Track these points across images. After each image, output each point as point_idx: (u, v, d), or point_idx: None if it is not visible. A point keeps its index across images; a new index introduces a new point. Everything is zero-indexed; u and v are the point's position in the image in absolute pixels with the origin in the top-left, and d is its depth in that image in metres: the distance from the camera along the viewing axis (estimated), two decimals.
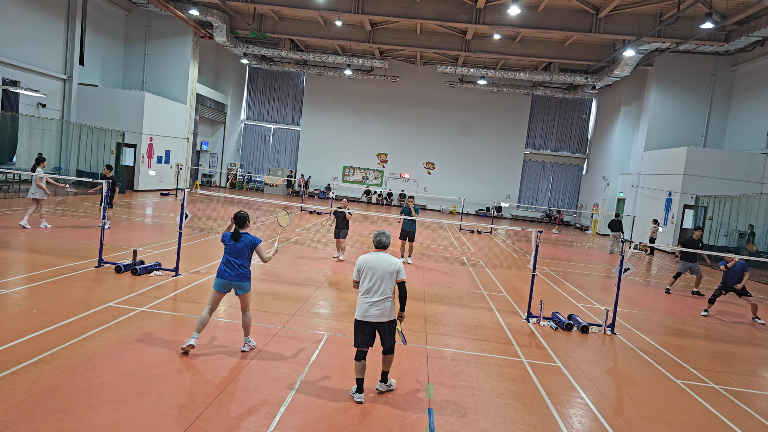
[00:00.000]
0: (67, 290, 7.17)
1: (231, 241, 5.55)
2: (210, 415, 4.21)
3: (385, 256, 4.88)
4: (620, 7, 20.67)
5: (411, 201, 12.49)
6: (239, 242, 5.52)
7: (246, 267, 5.55)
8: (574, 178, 35.55)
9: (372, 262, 4.82)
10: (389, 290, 4.80)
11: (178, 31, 26.62)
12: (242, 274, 5.51)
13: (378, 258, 4.84)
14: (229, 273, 5.48)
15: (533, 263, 8.24)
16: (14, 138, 18.86)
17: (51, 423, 3.84)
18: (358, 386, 4.80)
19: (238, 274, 5.49)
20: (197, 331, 5.45)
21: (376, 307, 4.76)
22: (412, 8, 22.11)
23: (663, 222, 22.51)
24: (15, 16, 19.39)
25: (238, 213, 5.62)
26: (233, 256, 5.51)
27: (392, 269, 4.82)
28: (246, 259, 5.56)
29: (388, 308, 4.80)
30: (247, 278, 5.57)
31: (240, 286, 5.53)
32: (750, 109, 22.91)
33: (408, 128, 35.29)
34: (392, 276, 4.82)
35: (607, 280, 13.40)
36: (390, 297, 4.81)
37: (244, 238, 5.55)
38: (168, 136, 26.10)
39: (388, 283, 4.79)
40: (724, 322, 9.73)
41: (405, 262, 12.47)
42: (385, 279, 4.78)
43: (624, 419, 5.03)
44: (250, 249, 5.57)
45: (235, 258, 5.51)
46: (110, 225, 12.20)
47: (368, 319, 4.76)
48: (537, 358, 6.52)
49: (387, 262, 4.84)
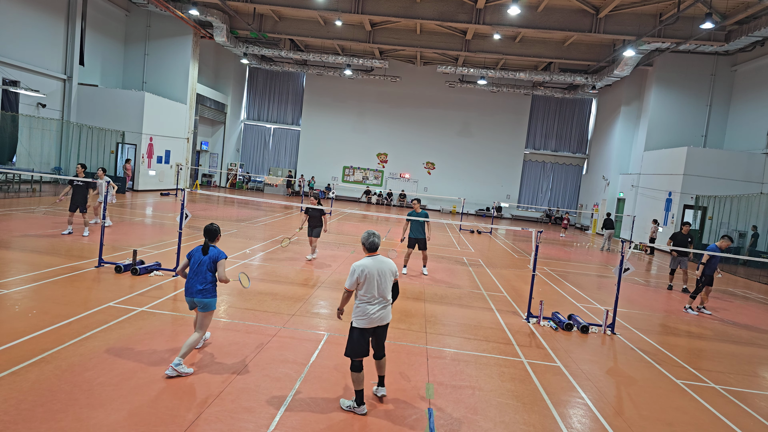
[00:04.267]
0: (67, 290, 7.17)
1: (198, 254, 5.20)
2: (210, 415, 4.21)
3: (383, 258, 4.81)
4: (620, 7, 20.67)
5: (416, 204, 11.06)
6: (205, 256, 5.17)
7: (208, 282, 5.13)
8: (574, 178, 35.55)
9: (373, 268, 4.64)
10: (389, 294, 4.75)
11: (178, 31, 26.62)
12: (205, 289, 5.12)
13: (377, 262, 4.71)
14: (191, 289, 5.12)
15: (533, 263, 8.24)
16: (14, 138, 18.87)
17: (51, 423, 3.84)
18: (358, 398, 4.56)
19: (200, 290, 5.10)
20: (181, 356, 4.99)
21: (382, 311, 4.67)
22: (412, 8, 22.11)
23: (663, 222, 22.50)
24: (15, 16, 19.39)
25: (209, 225, 5.30)
26: (196, 271, 5.16)
27: (393, 270, 4.80)
28: (209, 272, 5.17)
29: (388, 311, 4.76)
30: (210, 294, 5.15)
31: (202, 303, 5.13)
32: (750, 109, 22.92)
33: (408, 128, 35.29)
34: (392, 277, 4.79)
35: (607, 280, 13.40)
36: (389, 300, 4.77)
37: (210, 251, 5.20)
38: (168, 136, 26.10)
39: (389, 285, 4.74)
40: (724, 322, 9.73)
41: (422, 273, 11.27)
42: (387, 282, 4.71)
43: (624, 419, 5.02)
44: (214, 263, 5.18)
45: (197, 272, 5.14)
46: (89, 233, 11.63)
47: (373, 324, 4.62)
48: (537, 358, 6.52)
49: (387, 264, 4.77)
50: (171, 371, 4.81)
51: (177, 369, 4.83)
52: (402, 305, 8.37)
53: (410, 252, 11.22)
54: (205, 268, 5.15)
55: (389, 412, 4.65)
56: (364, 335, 4.63)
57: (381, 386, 4.95)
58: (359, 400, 4.57)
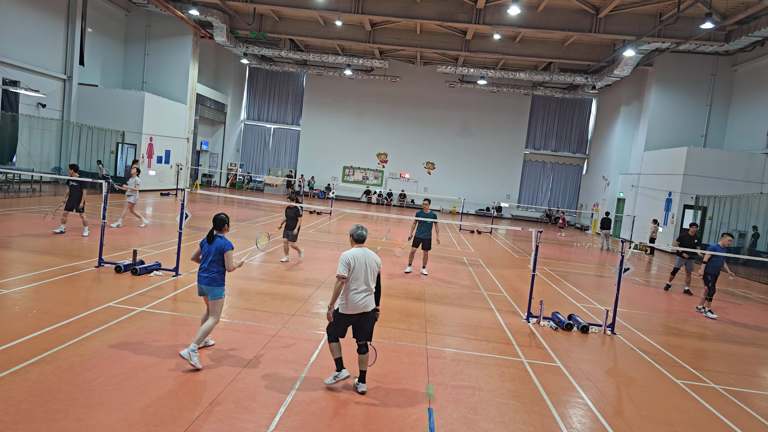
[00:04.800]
0: (67, 290, 7.17)
1: (204, 243, 5.40)
2: (210, 415, 4.21)
3: (369, 251, 5.15)
4: (620, 7, 20.67)
5: (426, 204, 11.06)
6: (211, 245, 5.36)
7: (214, 271, 5.31)
8: (574, 178, 35.55)
9: (360, 258, 5.01)
10: (373, 283, 5.06)
11: (178, 31, 26.62)
12: (211, 278, 5.30)
13: (364, 253, 5.08)
14: (200, 276, 5.34)
15: (533, 263, 8.24)
16: (14, 138, 18.87)
17: (51, 423, 3.84)
18: (338, 365, 5.03)
19: (206, 278, 5.31)
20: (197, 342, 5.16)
21: (366, 299, 4.99)
22: (412, 8, 22.11)
23: (663, 222, 22.51)
24: (15, 16, 19.39)
25: (217, 215, 5.46)
26: (204, 260, 5.36)
27: (378, 262, 5.15)
28: (215, 263, 5.33)
29: (372, 299, 5.06)
30: (215, 283, 5.32)
31: (210, 291, 5.33)
32: (750, 109, 22.92)
33: (408, 128, 35.30)
34: (376, 269, 5.12)
35: (607, 280, 13.40)
36: (373, 289, 5.09)
37: (216, 242, 5.37)
38: (168, 136, 26.10)
39: (372, 276, 5.05)
40: (724, 322, 9.73)
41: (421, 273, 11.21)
42: (370, 272, 5.03)
43: (624, 419, 5.02)
44: (220, 253, 5.34)
45: (204, 262, 5.35)
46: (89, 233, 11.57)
47: (357, 310, 4.94)
48: (537, 358, 6.52)
49: (373, 256, 5.13)
50: (185, 353, 4.98)
51: (191, 354, 4.97)
52: (402, 305, 8.37)
53: (414, 251, 11.32)
54: (210, 258, 5.34)
55: (389, 412, 4.65)
56: (345, 320, 4.99)
57: (362, 382, 5.02)
58: (339, 366, 5.03)
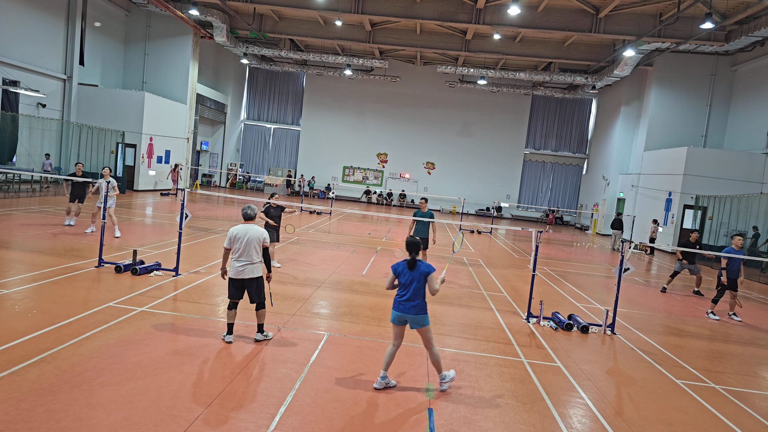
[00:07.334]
0: (67, 290, 7.17)
1: (405, 270, 5.09)
2: (210, 416, 4.21)
3: (254, 227, 5.85)
4: (620, 7, 20.67)
5: (423, 203, 11.00)
6: (413, 271, 5.05)
7: (420, 298, 5.06)
8: (574, 178, 35.55)
9: (242, 232, 5.78)
10: (255, 255, 5.79)
11: (178, 31, 26.62)
12: (420, 307, 5.06)
13: (247, 228, 5.82)
14: (405, 306, 5.05)
15: (533, 263, 8.24)
16: (14, 138, 18.87)
17: (51, 423, 3.83)
18: (229, 330, 5.85)
19: (414, 307, 5.04)
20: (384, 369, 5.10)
21: (245, 266, 5.75)
22: (412, 8, 22.11)
23: (663, 222, 22.51)
24: (15, 16, 19.39)
25: (412, 239, 5.18)
26: (406, 288, 5.07)
27: (260, 237, 5.84)
28: (420, 289, 5.08)
29: (253, 268, 5.79)
30: (424, 311, 5.08)
31: (421, 321, 5.08)
32: (750, 109, 22.92)
33: (408, 128, 35.29)
34: (259, 243, 5.82)
35: (607, 280, 13.40)
36: (257, 260, 5.81)
37: (419, 266, 5.07)
38: (168, 136, 26.11)
39: (255, 249, 5.79)
40: (724, 322, 9.72)
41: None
42: (252, 245, 5.77)
43: (624, 419, 5.02)
44: (424, 277, 5.07)
45: (407, 290, 5.06)
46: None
47: (239, 276, 5.75)
48: (537, 358, 6.52)
49: (255, 231, 5.84)
50: (444, 385, 5.21)
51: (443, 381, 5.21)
52: None
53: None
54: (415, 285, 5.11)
55: (389, 412, 4.65)
56: (234, 284, 5.81)
57: (259, 332, 5.99)
58: (229, 330, 5.86)
